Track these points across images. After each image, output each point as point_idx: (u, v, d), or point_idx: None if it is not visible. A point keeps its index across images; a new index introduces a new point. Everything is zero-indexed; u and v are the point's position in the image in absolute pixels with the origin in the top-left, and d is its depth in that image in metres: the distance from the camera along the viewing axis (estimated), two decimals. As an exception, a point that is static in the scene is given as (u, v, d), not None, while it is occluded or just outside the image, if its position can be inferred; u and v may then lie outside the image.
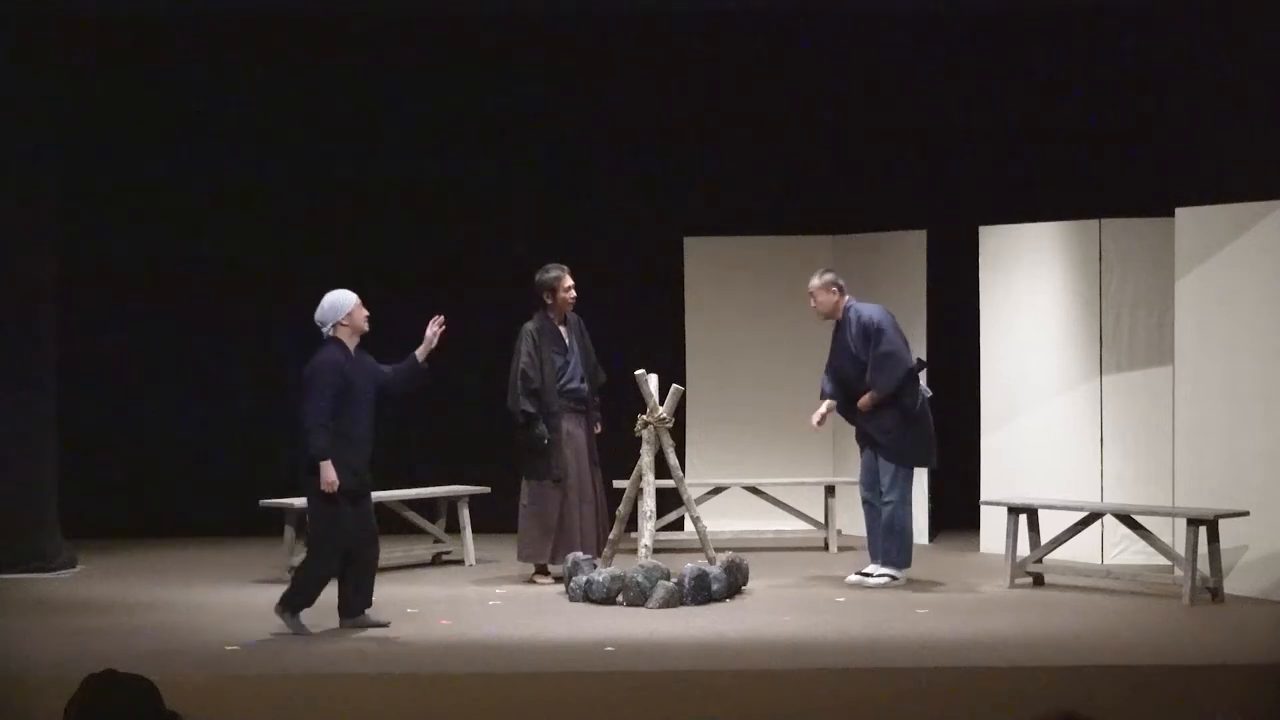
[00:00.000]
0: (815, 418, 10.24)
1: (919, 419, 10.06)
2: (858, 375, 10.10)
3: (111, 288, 12.45)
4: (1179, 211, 9.97)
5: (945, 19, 12.45)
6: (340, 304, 8.71)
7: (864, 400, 10.05)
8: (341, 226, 12.75)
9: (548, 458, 10.22)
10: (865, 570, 10.20)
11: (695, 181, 12.77)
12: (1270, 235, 9.51)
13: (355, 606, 8.73)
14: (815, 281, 10.20)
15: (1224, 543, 9.38)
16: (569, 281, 10.34)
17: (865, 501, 10.23)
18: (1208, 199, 9.98)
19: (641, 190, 12.73)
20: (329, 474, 8.42)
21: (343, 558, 8.64)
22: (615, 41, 12.47)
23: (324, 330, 8.69)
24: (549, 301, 10.35)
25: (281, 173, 12.65)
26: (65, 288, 11.33)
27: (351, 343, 8.67)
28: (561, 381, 10.32)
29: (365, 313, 8.73)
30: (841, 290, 10.17)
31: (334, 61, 12.58)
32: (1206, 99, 11.48)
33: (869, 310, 10.14)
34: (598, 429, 10.47)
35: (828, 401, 10.23)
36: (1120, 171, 12.04)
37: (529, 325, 10.32)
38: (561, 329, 10.41)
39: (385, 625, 8.71)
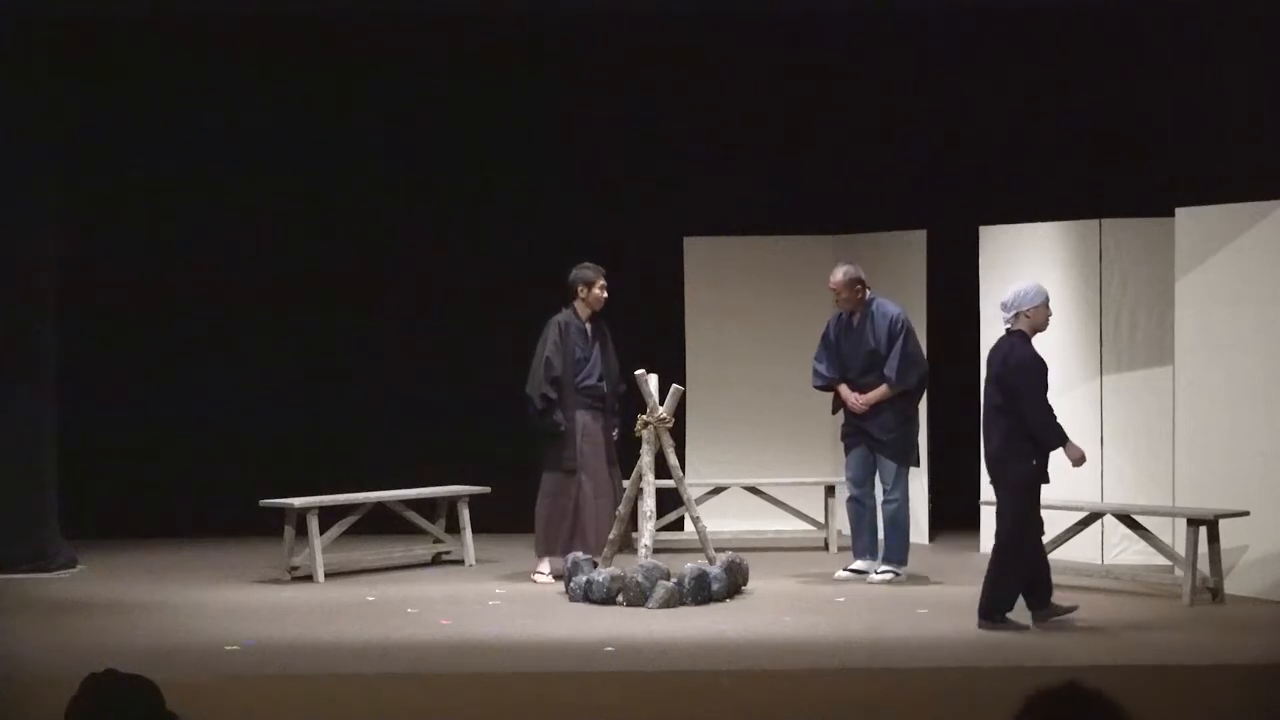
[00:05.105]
0: (854, 399, 10.14)
1: (913, 418, 10.19)
2: (868, 367, 10.12)
3: (111, 288, 12.43)
4: (1179, 211, 9.97)
5: (946, 19, 12.45)
6: (1035, 292, 8.55)
7: (874, 394, 10.07)
8: (342, 227, 12.76)
9: (562, 447, 10.25)
10: (854, 566, 10.25)
11: (695, 181, 12.76)
12: (1270, 235, 9.51)
13: (1046, 598, 8.63)
14: (840, 278, 10.13)
15: (1224, 543, 9.38)
16: (603, 283, 10.40)
17: (854, 499, 10.28)
18: (1208, 199, 9.98)
19: (641, 190, 12.72)
20: (1075, 450, 8.58)
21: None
22: (616, 42, 12.45)
23: (1007, 316, 8.52)
24: (581, 297, 10.39)
25: (282, 174, 12.63)
26: (65, 288, 11.32)
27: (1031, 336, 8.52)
28: (579, 377, 10.35)
29: (1050, 314, 8.60)
30: (864, 283, 10.18)
31: (334, 63, 12.58)
32: (1206, 99, 11.47)
33: (893, 307, 10.17)
34: (615, 434, 10.44)
35: (843, 385, 10.22)
36: (1120, 171, 12.03)
37: (557, 317, 10.40)
38: (587, 326, 10.45)
39: (1074, 609, 8.62)
